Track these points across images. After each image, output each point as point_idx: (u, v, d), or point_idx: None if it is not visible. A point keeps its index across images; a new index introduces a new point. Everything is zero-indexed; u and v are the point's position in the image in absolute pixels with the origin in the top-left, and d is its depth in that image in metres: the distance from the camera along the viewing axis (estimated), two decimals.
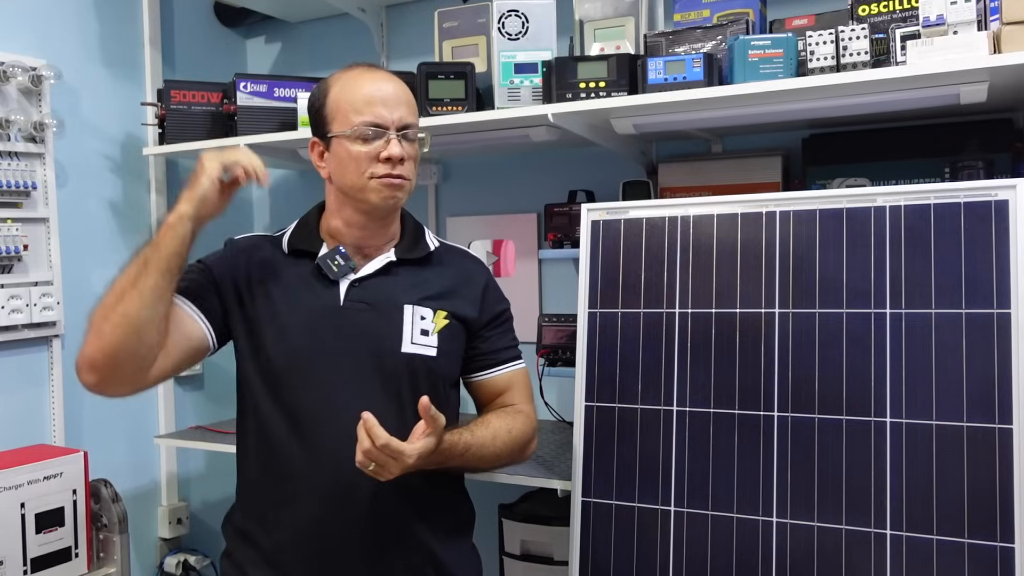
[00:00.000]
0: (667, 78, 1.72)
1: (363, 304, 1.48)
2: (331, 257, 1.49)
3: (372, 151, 1.44)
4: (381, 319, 1.48)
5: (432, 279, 1.55)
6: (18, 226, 2.12)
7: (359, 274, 1.50)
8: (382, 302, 1.49)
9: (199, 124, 2.29)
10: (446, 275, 1.57)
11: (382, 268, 1.51)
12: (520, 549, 2.05)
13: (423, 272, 1.55)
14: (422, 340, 1.49)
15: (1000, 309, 1.41)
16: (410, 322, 1.49)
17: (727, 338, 1.60)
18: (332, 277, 1.48)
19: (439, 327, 1.51)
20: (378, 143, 1.44)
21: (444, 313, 1.52)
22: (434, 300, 1.52)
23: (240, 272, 1.51)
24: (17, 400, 2.17)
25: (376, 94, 1.46)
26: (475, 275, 1.61)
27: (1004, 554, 1.36)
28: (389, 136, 1.44)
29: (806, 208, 1.57)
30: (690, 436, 1.61)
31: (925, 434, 1.43)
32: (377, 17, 2.57)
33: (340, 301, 1.48)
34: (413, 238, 1.57)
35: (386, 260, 1.52)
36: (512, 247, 2.44)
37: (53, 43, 2.25)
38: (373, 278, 1.50)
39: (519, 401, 1.60)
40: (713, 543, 1.56)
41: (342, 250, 1.50)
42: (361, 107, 1.44)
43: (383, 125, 1.44)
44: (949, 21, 1.50)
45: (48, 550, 1.99)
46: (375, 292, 1.49)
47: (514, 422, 1.54)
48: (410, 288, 1.52)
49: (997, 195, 1.44)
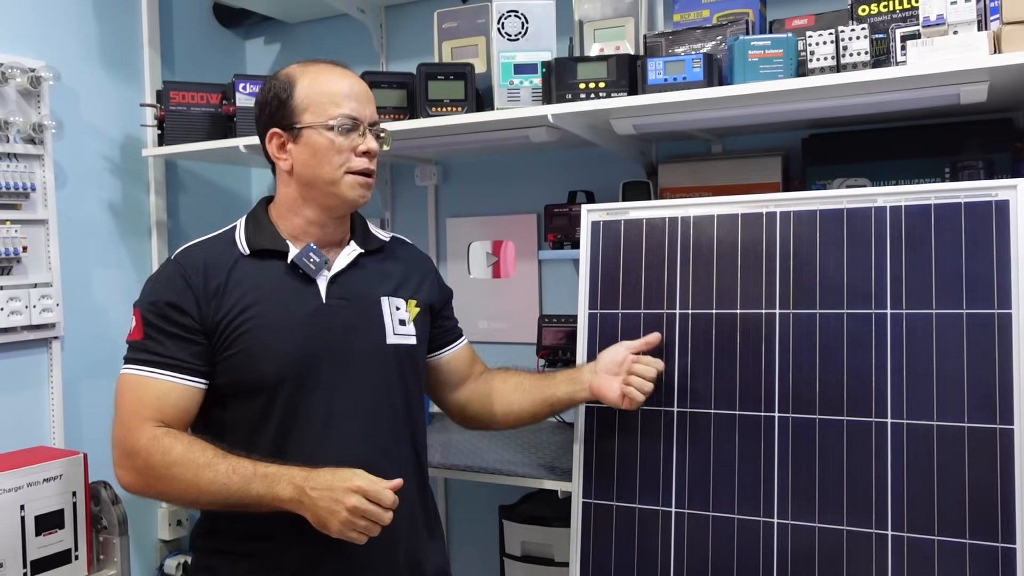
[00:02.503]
0: (667, 78, 1.72)
1: (343, 300, 1.48)
2: (305, 255, 1.46)
3: (349, 144, 1.44)
4: (363, 313, 1.49)
5: (394, 269, 1.57)
6: (17, 228, 2.12)
7: (333, 270, 1.49)
8: (360, 296, 1.50)
9: (198, 125, 2.29)
10: (403, 264, 1.59)
11: (352, 262, 1.51)
12: (521, 550, 2.05)
13: (384, 263, 1.56)
14: (402, 330, 1.52)
15: (1001, 309, 1.41)
16: (389, 314, 1.51)
17: (727, 339, 1.60)
18: (312, 275, 1.46)
19: (413, 315, 1.54)
20: (354, 136, 1.44)
21: (414, 301, 1.56)
22: (403, 289, 1.55)
23: (208, 293, 1.42)
24: (16, 402, 2.17)
25: (351, 90, 1.46)
26: (423, 260, 1.67)
27: (1005, 554, 1.36)
28: (365, 130, 1.45)
29: (806, 208, 1.57)
30: (691, 437, 1.60)
31: (926, 435, 1.43)
32: (376, 18, 2.57)
33: (323, 299, 1.46)
34: (363, 230, 1.57)
35: (355, 253, 1.52)
36: (512, 248, 2.44)
37: (52, 44, 2.25)
38: (346, 272, 1.50)
39: (482, 365, 1.74)
40: (714, 544, 1.56)
41: (313, 246, 1.47)
42: (339, 100, 1.44)
43: (359, 119, 1.45)
44: (949, 21, 1.50)
45: (48, 552, 1.98)
46: (352, 287, 1.49)
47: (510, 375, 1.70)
48: (380, 280, 1.53)
49: (997, 195, 1.44)
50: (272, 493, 1.31)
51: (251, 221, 1.52)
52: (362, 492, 1.29)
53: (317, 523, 1.31)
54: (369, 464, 1.36)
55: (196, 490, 1.33)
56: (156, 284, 1.46)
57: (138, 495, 1.40)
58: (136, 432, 1.36)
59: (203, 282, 1.42)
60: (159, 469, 1.34)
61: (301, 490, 1.30)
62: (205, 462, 1.33)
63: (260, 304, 1.43)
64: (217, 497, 1.33)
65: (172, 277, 1.44)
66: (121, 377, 1.42)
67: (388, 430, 1.48)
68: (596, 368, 1.61)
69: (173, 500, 1.40)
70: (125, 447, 1.37)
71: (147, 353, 1.40)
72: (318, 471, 1.33)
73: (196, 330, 1.41)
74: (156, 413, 1.38)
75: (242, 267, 1.46)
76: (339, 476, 1.31)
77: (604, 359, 1.61)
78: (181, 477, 1.33)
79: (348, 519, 1.28)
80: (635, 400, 1.56)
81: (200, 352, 1.41)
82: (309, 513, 1.31)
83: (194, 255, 1.47)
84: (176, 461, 1.33)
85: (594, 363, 1.63)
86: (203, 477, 1.33)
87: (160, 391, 1.38)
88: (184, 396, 1.40)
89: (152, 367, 1.39)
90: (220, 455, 1.34)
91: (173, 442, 1.35)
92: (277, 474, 1.32)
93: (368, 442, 1.45)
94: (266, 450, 1.40)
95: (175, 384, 1.39)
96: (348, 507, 1.28)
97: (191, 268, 1.44)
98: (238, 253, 1.47)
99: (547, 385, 1.64)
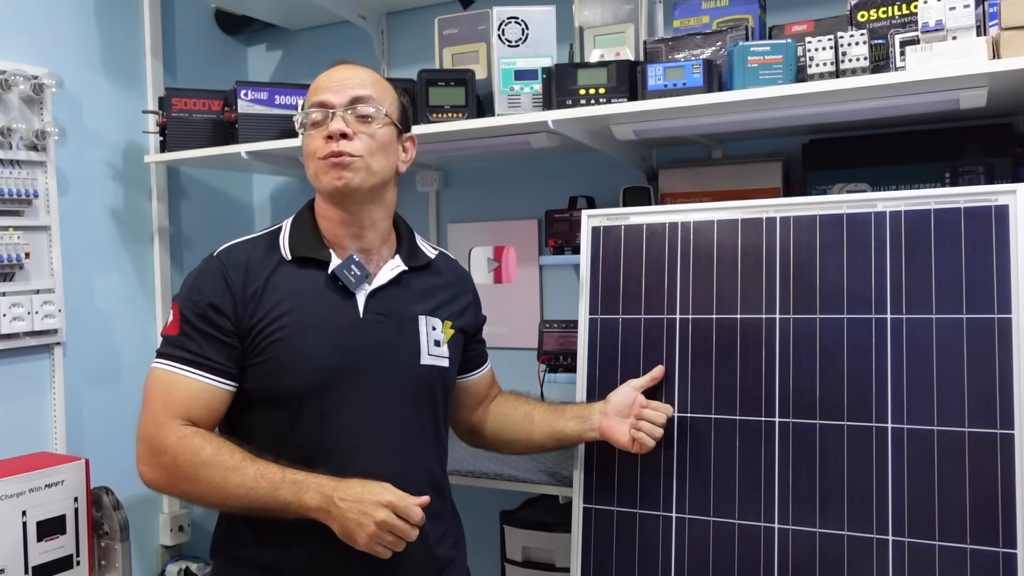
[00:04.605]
0: (667, 84, 1.72)
1: (381, 316, 1.44)
2: (347, 267, 1.43)
3: (319, 133, 1.42)
4: (399, 331, 1.46)
5: (436, 288, 1.54)
6: (20, 234, 2.13)
7: (373, 285, 1.46)
8: (398, 313, 1.46)
9: (200, 132, 2.29)
10: (446, 283, 1.57)
11: (395, 278, 1.48)
12: (522, 556, 2.05)
13: (427, 280, 1.53)
14: (436, 351, 1.49)
15: (1001, 314, 1.41)
16: (425, 334, 1.48)
17: (728, 344, 1.60)
18: (351, 289, 1.43)
19: (448, 337, 1.51)
20: (326, 124, 1.41)
21: (450, 323, 1.53)
22: (441, 310, 1.52)
23: (245, 296, 1.40)
24: (18, 408, 2.18)
25: (329, 80, 1.44)
26: (467, 282, 1.64)
27: (1007, 560, 1.36)
28: (333, 114, 1.41)
29: (806, 214, 1.57)
30: (692, 442, 1.60)
31: (926, 440, 1.43)
32: (378, 24, 2.58)
33: (360, 313, 1.43)
34: (410, 244, 1.55)
35: (398, 269, 1.49)
36: (513, 253, 2.45)
37: (54, 52, 2.26)
38: (386, 288, 1.47)
39: (497, 388, 1.74)
40: (715, 549, 1.56)
41: (355, 258, 1.44)
42: (313, 95, 1.44)
43: (328, 105, 1.42)
44: (948, 27, 1.50)
45: (49, 558, 1.98)
46: (390, 303, 1.46)
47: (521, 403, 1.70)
48: (420, 298, 1.50)
49: (997, 200, 1.44)
50: (299, 500, 1.30)
51: (296, 223, 1.50)
52: (392, 507, 1.28)
53: (343, 534, 1.29)
54: (400, 480, 1.34)
55: (223, 492, 1.32)
56: (198, 281, 1.42)
57: (160, 492, 1.38)
58: (165, 429, 1.34)
59: (242, 284, 1.40)
60: (187, 469, 1.32)
61: (329, 500, 1.29)
62: (233, 465, 1.31)
63: (295, 313, 1.40)
64: (243, 501, 1.31)
65: (214, 275, 1.41)
66: (152, 371, 1.39)
67: (417, 447, 1.47)
68: (606, 409, 1.60)
69: (197, 501, 1.37)
70: (152, 443, 1.35)
71: (182, 350, 1.38)
72: (347, 481, 1.31)
73: (231, 332, 1.38)
74: (185, 412, 1.36)
75: (282, 272, 1.43)
76: (369, 489, 1.30)
77: (614, 400, 1.60)
78: (208, 479, 1.31)
79: (376, 533, 1.27)
80: (645, 446, 1.56)
81: (234, 355, 1.39)
82: (336, 523, 1.29)
83: (237, 254, 1.44)
84: (205, 462, 1.32)
85: (603, 403, 1.62)
86: (231, 480, 1.31)
87: (192, 390, 1.36)
88: (215, 397, 1.38)
89: (186, 364, 1.37)
90: (249, 459, 1.33)
91: (203, 442, 1.33)
92: (305, 482, 1.31)
93: (398, 458, 1.43)
94: (292, 460, 1.37)
95: (207, 384, 1.37)
96: (377, 521, 1.27)
97: (232, 268, 1.41)
98: (280, 257, 1.44)
99: (556, 419, 1.63)
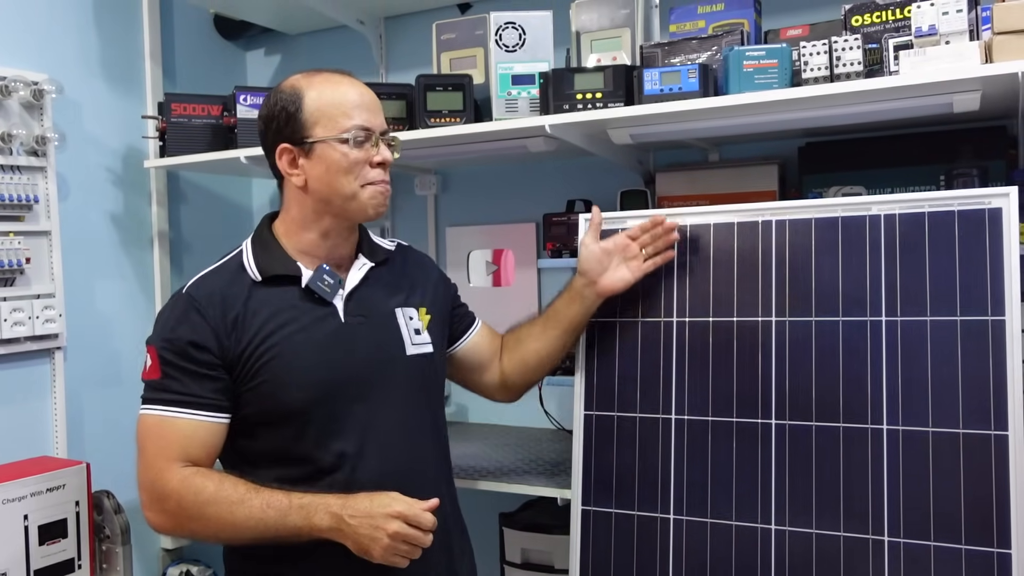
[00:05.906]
0: (663, 89, 1.73)
1: (361, 316, 1.47)
2: (319, 279, 1.43)
3: (364, 155, 1.42)
4: (380, 328, 1.49)
5: (402, 279, 1.57)
6: (20, 239, 2.13)
7: (347, 288, 1.47)
8: (375, 311, 1.49)
9: (200, 136, 2.30)
10: (409, 271, 1.59)
11: (364, 276, 1.49)
12: (521, 558, 2.06)
13: (392, 274, 1.56)
14: (419, 340, 1.52)
15: (994, 316, 1.42)
16: (404, 325, 1.51)
17: (724, 346, 1.61)
18: (328, 299, 1.44)
19: (426, 323, 1.54)
20: (367, 147, 1.42)
21: (424, 309, 1.55)
22: (414, 298, 1.55)
23: (227, 326, 1.38)
24: (20, 412, 2.18)
25: (361, 99, 1.44)
26: (427, 264, 1.67)
27: (1001, 560, 1.37)
28: (377, 140, 1.43)
29: (802, 217, 1.58)
30: (688, 444, 1.61)
31: (921, 441, 1.44)
32: (376, 29, 2.59)
33: (341, 318, 1.45)
34: (368, 242, 1.56)
35: (366, 267, 1.50)
36: (511, 256, 2.46)
37: (54, 57, 2.27)
38: (360, 289, 1.48)
39: (499, 338, 1.73)
40: (712, 551, 1.57)
41: (326, 268, 1.44)
42: (350, 111, 1.41)
43: (372, 129, 1.43)
44: (941, 31, 1.51)
45: (51, 562, 1.99)
46: (366, 303, 1.48)
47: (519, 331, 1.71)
48: (391, 292, 1.53)
49: (991, 203, 1.45)
50: (310, 524, 1.31)
51: (257, 244, 1.48)
52: (402, 517, 1.29)
53: (358, 550, 1.30)
54: (410, 474, 1.37)
55: (232, 527, 1.32)
56: (170, 320, 1.40)
57: (172, 536, 1.39)
58: (165, 474, 1.34)
59: (221, 315, 1.38)
60: (192, 510, 1.33)
61: (339, 518, 1.30)
62: (238, 498, 1.32)
63: (281, 331, 1.40)
64: (254, 532, 1.32)
65: (187, 312, 1.39)
66: (142, 419, 1.38)
67: (420, 440, 1.49)
68: (588, 277, 1.62)
69: (209, 539, 1.37)
70: (154, 491, 1.35)
71: (167, 392, 1.37)
72: (354, 497, 1.32)
73: (217, 365, 1.38)
74: (182, 453, 1.35)
75: (257, 295, 1.42)
76: (377, 502, 1.31)
77: (587, 265, 1.62)
78: (215, 516, 1.32)
79: (391, 545, 1.28)
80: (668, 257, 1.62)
81: (222, 387, 1.38)
82: (350, 541, 1.30)
83: (207, 286, 1.42)
84: (209, 500, 1.32)
85: (580, 277, 1.63)
86: (238, 514, 1.31)
87: (185, 430, 1.36)
88: (210, 433, 1.38)
89: (174, 406, 1.36)
90: (253, 490, 1.33)
91: (204, 481, 1.33)
92: (313, 504, 1.31)
93: (405, 454, 1.45)
94: (304, 475, 1.38)
95: (200, 422, 1.37)
96: (390, 533, 1.28)
97: (206, 301, 1.39)
98: (250, 280, 1.43)
99: (557, 320, 1.65)
